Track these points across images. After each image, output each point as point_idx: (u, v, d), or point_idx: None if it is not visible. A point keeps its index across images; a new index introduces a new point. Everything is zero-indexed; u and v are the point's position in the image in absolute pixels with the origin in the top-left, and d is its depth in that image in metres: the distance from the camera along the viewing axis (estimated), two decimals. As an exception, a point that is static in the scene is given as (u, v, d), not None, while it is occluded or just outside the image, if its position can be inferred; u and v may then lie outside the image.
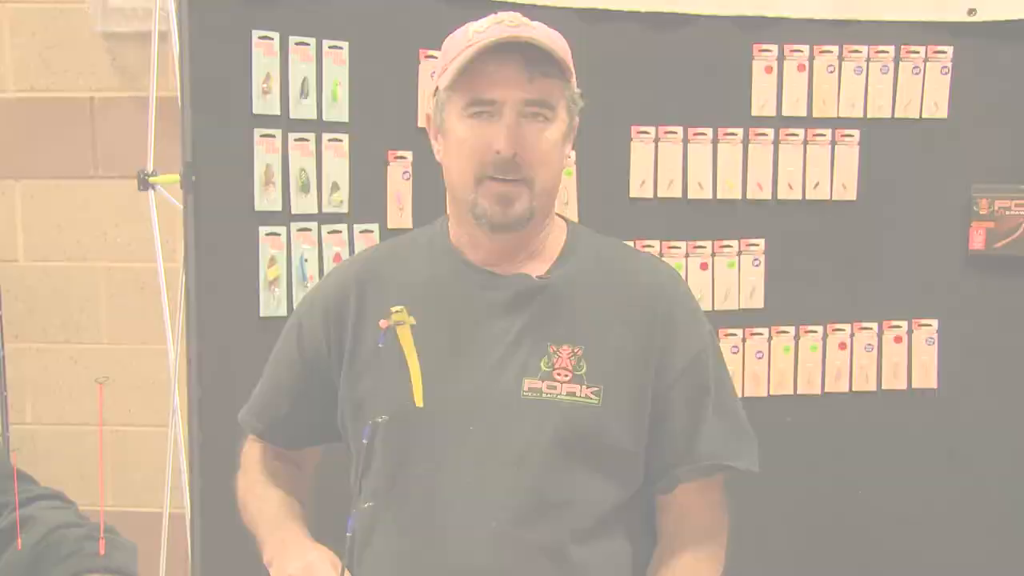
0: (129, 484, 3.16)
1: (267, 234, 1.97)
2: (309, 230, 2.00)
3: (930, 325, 2.20)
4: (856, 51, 2.15)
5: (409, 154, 2.03)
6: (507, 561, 1.33)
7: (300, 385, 1.50)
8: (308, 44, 1.97)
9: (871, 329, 2.20)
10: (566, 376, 1.36)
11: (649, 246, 2.15)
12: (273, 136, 1.96)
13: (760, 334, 2.19)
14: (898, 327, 2.20)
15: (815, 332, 2.19)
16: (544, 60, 1.34)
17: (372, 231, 2.05)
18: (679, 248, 2.17)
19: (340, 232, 2.03)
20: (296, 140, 1.98)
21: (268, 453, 1.57)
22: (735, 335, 2.18)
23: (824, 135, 2.16)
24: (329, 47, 1.99)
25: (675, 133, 2.15)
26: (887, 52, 2.16)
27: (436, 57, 1.52)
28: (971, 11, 2.13)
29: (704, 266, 2.18)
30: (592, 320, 1.40)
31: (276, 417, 1.53)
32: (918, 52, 2.16)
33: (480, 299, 1.41)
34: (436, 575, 1.35)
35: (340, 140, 2.02)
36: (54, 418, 3.19)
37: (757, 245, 2.18)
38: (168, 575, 2.68)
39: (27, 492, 1.16)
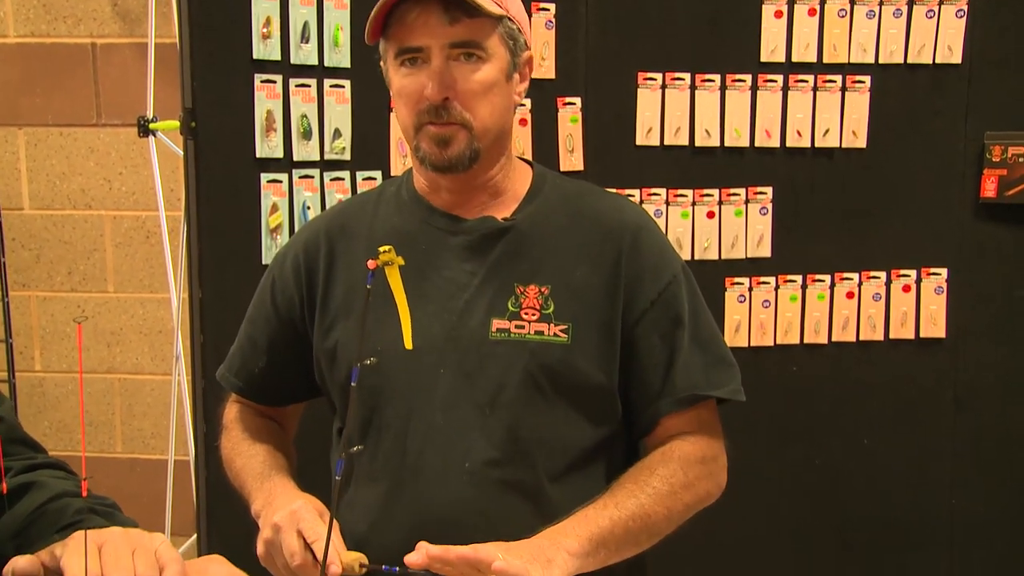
0: (137, 432, 3.20)
1: (269, 181, 1.96)
2: (311, 177, 1.99)
3: (939, 274, 2.19)
4: (869, -6, 2.12)
5: (412, 100, 2.02)
6: (482, 501, 1.33)
7: (276, 341, 1.50)
8: (309, -13, 1.95)
9: (879, 278, 2.19)
10: (534, 315, 1.36)
11: (655, 194, 2.15)
12: (274, 82, 1.94)
13: (767, 283, 2.18)
14: (907, 276, 2.19)
15: (823, 281, 2.19)
16: (463, 1, 1.32)
17: (375, 178, 2.04)
18: (686, 196, 2.15)
19: (342, 179, 2.02)
20: (297, 86, 1.97)
21: (249, 412, 1.57)
22: (742, 284, 2.18)
23: (834, 81, 2.14)
24: (330, -10, 1.97)
25: (682, 80, 2.13)
26: (901, -5, 2.13)
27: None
28: (988, -47, 2.09)
29: (711, 214, 2.16)
30: (558, 259, 1.39)
31: (253, 373, 1.53)
32: (933, -5, 2.12)
33: (446, 243, 1.41)
34: (411, 518, 1.35)
35: (342, 86, 2.01)
36: (63, 366, 3.22)
37: (765, 193, 2.16)
38: (174, 521, 2.73)
39: (33, 459, 1.15)
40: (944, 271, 2.19)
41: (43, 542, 0.96)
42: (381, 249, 1.14)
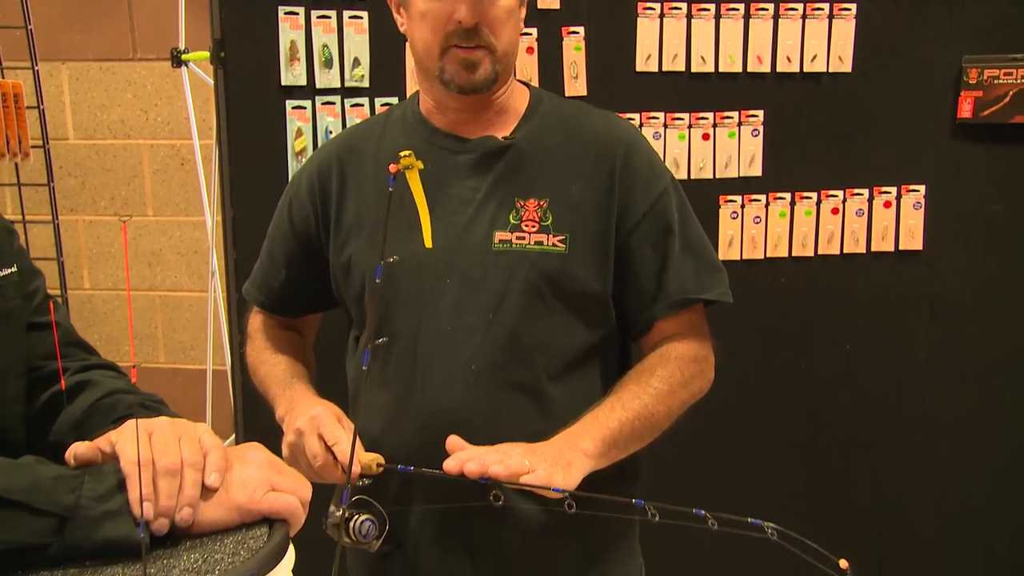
0: (178, 344, 3.39)
1: (293, 107, 2.09)
2: (333, 103, 2.12)
3: (918, 191, 2.29)
4: (855, -76, 2.18)
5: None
6: (487, 401, 1.42)
7: (294, 257, 1.60)
8: (327, -75, 2.05)
9: (862, 195, 2.29)
10: (533, 227, 1.44)
11: (654, 117, 2.24)
12: (297, 14, 2.06)
13: (758, 200, 2.29)
14: (888, 193, 2.29)
15: (810, 198, 2.29)
16: None
17: (392, 104, 2.13)
18: (682, 119, 2.25)
19: (362, 105, 2.14)
20: (319, 17, 2.08)
21: (272, 322, 1.66)
22: (735, 201, 2.28)
23: (822, 9, 2.22)
24: (347, -73, 2.06)
25: (679, 9, 2.21)
26: (885, -76, 2.19)
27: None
28: None
29: (706, 136, 2.26)
30: (555, 174, 1.47)
31: (273, 288, 1.63)
32: (915, -76, 2.18)
33: (450, 162, 1.48)
34: (422, 418, 1.44)
35: (360, 17, 2.12)
36: (109, 283, 3.39)
37: (756, 116, 2.26)
38: (214, 425, 2.90)
39: (87, 360, 1.22)
40: (923, 188, 2.28)
41: (99, 431, 1.01)
42: (402, 154, 1.17)
